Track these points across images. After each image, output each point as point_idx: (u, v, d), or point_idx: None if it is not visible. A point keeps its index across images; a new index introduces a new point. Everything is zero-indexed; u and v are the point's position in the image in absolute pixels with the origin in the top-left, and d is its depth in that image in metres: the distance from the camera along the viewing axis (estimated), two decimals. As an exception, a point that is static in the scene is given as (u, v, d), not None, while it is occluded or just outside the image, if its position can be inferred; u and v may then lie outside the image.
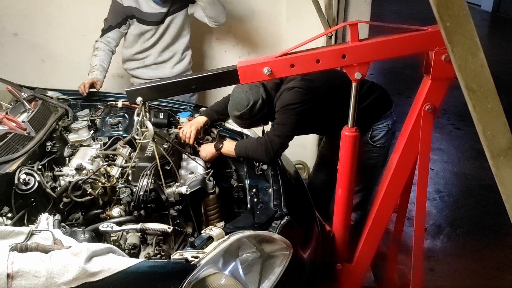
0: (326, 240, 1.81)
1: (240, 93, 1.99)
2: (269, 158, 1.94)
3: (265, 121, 2.12)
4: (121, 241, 1.54)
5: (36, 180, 1.63)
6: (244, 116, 2.00)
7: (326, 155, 2.52)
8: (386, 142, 2.19)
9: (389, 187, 1.63)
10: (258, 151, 1.94)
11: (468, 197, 3.52)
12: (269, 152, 1.92)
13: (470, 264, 2.75)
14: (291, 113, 1.93)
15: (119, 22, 2.65)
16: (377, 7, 4.07)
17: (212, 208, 1.84)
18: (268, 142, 1.93)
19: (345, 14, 2.75)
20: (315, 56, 1.43)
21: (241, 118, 2.02)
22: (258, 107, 1.97)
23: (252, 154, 1.96)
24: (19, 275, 1.09)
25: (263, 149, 1.93)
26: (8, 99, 2.20)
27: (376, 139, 2.17)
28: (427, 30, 1.35)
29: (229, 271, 1.33)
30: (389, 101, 2.23)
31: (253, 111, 1.98)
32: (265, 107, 2.00)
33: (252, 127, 2.23)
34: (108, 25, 2.65)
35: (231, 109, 2.04)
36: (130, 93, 1.58)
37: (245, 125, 2.13)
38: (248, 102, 1.96)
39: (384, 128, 2.16)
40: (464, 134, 4.63)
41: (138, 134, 1.63)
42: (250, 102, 1.96)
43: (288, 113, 1.93)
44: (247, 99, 1.96)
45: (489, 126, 0.82)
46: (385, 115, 2.16)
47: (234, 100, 2.01)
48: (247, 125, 2.15)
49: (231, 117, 2.12)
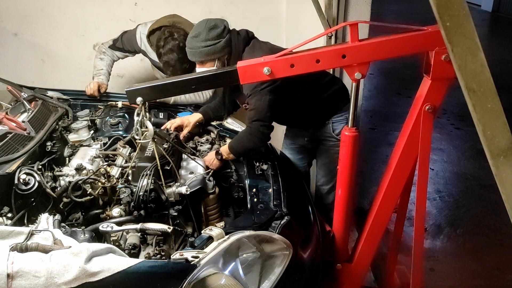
0: (326, 240, 1.81)
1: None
2: (261, 142, 2.00)
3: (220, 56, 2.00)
4: (121, 241, 1.54)
5: (36, 180, 1.63)
6: (199, 36, 1.94)
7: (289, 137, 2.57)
8: None
9: (389, 187, 1.63)
10: (250, 141, 1.98)
11: (468, 197, 3.52)
12: (260, 137, 1.97)
13: (470, 264, 2.75)
14: (262, 94, 1.94)
15: (130, 50, 2.67)
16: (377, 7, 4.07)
17: (212, 208, 1.84)
18: (254, 129, 1.96)
19: (345, 14, 2.75)
20: (315, 56, 1.43)
21: (196, 38, 1.94)
22: (217, 32, 1.94)
23: (246, 145, 1.99)
24: (19, 275, 1.09)
25: (252, 137, 1.97)
26: (8, 99, 2.21)
27: (338, 133, 2.23)
28: (427, 30, 1.36)
29: (229, 271, 1.33)
30: (348, 95, 2.29)
31: (210, 33, 1.93)
32: (224, 40, 1.95)
33: (197, 59, 2.01)
34: (122, 46, 2.65)
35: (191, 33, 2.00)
36: (130, 93, 1.58)
37: (194, 54, 1.99)
38: (210, 23, 1.95)
39: (343, 120, 2.24)
40: (464, 134, 4.63)
41: (138, 134, 1.63)
42: (211, 24, 1.94)
43: (259, 95, 1.94)
44: (208, 21, 1.96)
45: (489, 126, 0.82)
46: (344, 108, 2.23)
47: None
48: (195, 55, 1.99)
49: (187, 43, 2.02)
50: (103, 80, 2.60)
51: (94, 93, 2.51)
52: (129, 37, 2.63)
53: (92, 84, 2.53)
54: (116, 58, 2.72)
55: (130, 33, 2.63)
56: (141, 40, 2.57)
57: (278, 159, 2.08)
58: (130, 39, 2.62)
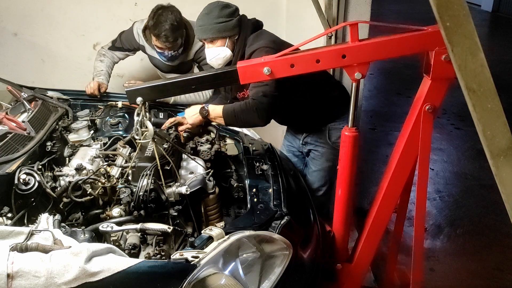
0: (326, 240, 1.81)
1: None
2: (262, 119, 1.92)
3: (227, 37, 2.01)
4: (121, 241, 1.54)
5: (36, 180, 1.63)
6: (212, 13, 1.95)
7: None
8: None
9: (389, 187, 1.63)
10: (250, 113, 1.90)
11: (468, 197, 3.52)
12: (262, 113, 1.90)
13: (470, 264, 2.75)
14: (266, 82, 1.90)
15: (129, 49, 2.68)
16: (377, 7, 4.08)
17: (212, 208, 1.84)
18: (258, 103, 1.89)
19: (345, 14, 2.75)
20: (315, 56, 1.43)
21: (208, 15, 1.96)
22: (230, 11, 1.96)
23: (243, 116, 1.92)
24: (19, 275, 1.09)
25: (254, 109, 1.89)
26: (8, 99, 2.21)
27: (334, 140, 2.20)
28: (427, 30, 1.36)
29: (229, 271, 1.33)
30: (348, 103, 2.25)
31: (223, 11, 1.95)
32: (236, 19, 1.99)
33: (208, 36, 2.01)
34: (121, 45, 2.67)
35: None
36: (130, 93, 1.58)
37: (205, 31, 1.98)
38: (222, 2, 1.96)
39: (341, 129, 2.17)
40: (464, 134, 4.64)
41: (138, 134, 1.63)
42: (224, 3, 1.96)
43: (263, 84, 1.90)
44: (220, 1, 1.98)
45: (489, 126, 0.82)
46: (342, 116, 2.18)
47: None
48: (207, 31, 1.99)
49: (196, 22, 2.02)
50: (103, 80, 2.60)
51: (95, 92, 2.52)
52: (127, 35, 2.64)
53: (92, 84, 2.53)
54: (117, 59, 2.72)
55: (127, 31, 2.65)
56: (138, 36, 2.59)
57: (278, 159, 2.08)
58: (128, 36, 2.64)
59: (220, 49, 2.02)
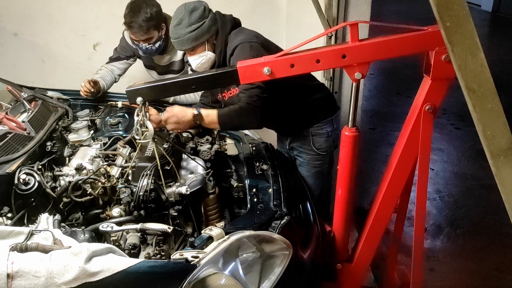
0: (326, 240, 1.81)
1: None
2: (259, 121, 1.91)
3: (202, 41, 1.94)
4: (121, 241, 1.54)
5: (36, 180, 1.63)
6: (182, 22, 1.87)
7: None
8: (329, 149, 2.22)
9: (389, 187, 1.63)
10: (247, 116, 1.87)
11: (468, 197, 3.52)
12: (258, 114, 1.87)
13: (470, 264, 2.75)
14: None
15: (127, 56, 2.67)
16: (377, 7, 4.06)
17: (212, 208, 1.84)
18: (255, 105, 1.85)
19: (345, 14, 2.75)
20: (315, 56, 1.43)
21: (179, 26, 1.88)
22: (199, 13, 1.88)
23: (240, 120, 1.89)
24: (19, 275, 1.09)
25: (251, 112, 1.86)
26: (8, 99, 2.21)
27: (318, 146, 2.18)
28: (427, 30, 1.36)
29: (229, 271, 1.33)
30: (332, 108, 2.23)
31: (192, 16, 1.87)
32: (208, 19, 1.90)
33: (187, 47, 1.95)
34: (117, 55, 2.66)
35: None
36: (130, 93, 1.58)
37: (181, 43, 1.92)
38: (188, 6, 1.88)
39: (324, 134, 2.17)
40: (464, 134, 4.64)
41: (138, 134, 1.63)
42: (190, 7, 1.88)
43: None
44: (186, 5, 1.89)
45: (489, 126, 0.82)
46: (324, 120, 2.16)
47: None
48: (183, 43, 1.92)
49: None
50: (97, 78, 2.55)
51: (90, 89, 2.45)
52: (120, 44, 2.65)
53: (83, 83, 2.47)
54: (117, 70, 2.68)
55: (120, 41, 2.65)
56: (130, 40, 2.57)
57: (278, 159, 2.08)
58: (121, 45, 2.64)
59: (202, 55, 1.97)
